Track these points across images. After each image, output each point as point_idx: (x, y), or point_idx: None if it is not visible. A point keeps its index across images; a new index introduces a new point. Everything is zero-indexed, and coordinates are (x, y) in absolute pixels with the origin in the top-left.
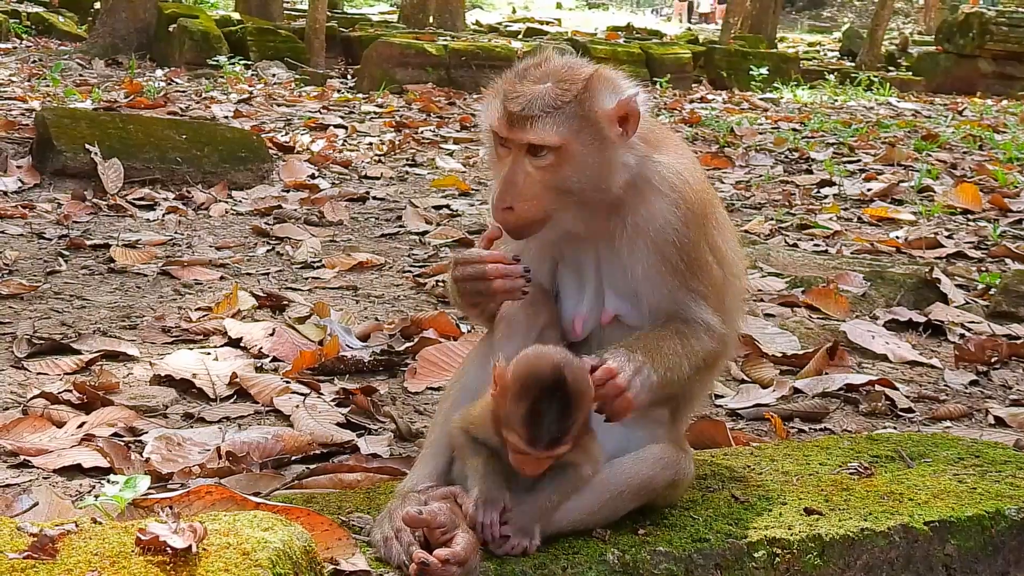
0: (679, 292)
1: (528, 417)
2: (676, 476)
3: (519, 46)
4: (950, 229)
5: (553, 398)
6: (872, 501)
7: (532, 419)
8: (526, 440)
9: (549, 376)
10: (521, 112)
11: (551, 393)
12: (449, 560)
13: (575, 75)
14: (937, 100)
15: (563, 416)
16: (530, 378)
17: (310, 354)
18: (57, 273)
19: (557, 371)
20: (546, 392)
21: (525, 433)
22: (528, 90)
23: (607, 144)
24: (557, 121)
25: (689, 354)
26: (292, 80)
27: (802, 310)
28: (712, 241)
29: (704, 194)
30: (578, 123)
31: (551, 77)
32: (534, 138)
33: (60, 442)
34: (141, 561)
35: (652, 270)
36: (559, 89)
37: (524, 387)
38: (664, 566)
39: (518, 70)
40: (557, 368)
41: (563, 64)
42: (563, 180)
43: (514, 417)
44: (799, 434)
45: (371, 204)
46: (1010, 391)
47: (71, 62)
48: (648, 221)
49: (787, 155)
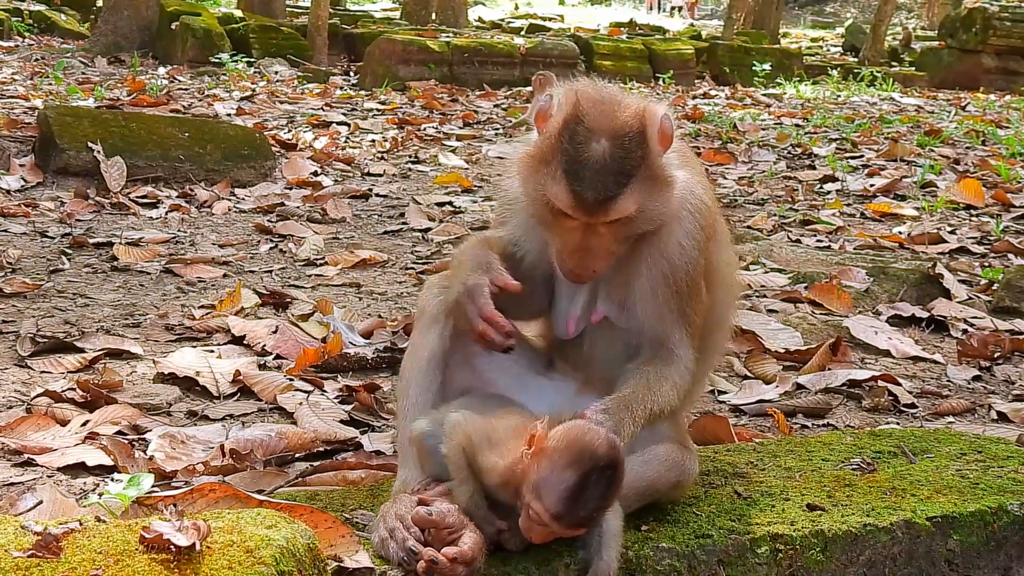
0: (671, 316)
1: (571, 491)
2: (681, 477)
3: (521, 42)
4: (953, 225)
5: (602, 477)
6: (875, 497)
7: (574, 494)
8: (554, 513)
9: (605, 455)
10: (598, 198)
11: (601, 471)
12: (457, 559)
13: (628, 124)
14: (940, 95)
15: (604, 497)
16: (584, 452)
17: (313, 351)
18: (60, 271)
19: (613, 451)
20: (597, 470)
21: (559, 507)
22: (593, 164)
23: (660, 177)
24: (631, 191)
25: (666, 397)
26: (295, 77)
27: (805, 306)
28: (712, 261)
29: (714, 213)
30: (643, 180)
31: (605, 134)
32: (615, 216)
33: (64, 440)
34: (145, 559)
35: (656, 290)
36: (622, 151)
37: (575, 459)
38: (667, 562)
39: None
40: (613, 448)
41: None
42: (634, 231)
43: (551, 487)
44: (802, 430)
45: (374, 201)
46: (1013, 386)
47: (73, 60)
48: (668, 246)
49: (790, 151)
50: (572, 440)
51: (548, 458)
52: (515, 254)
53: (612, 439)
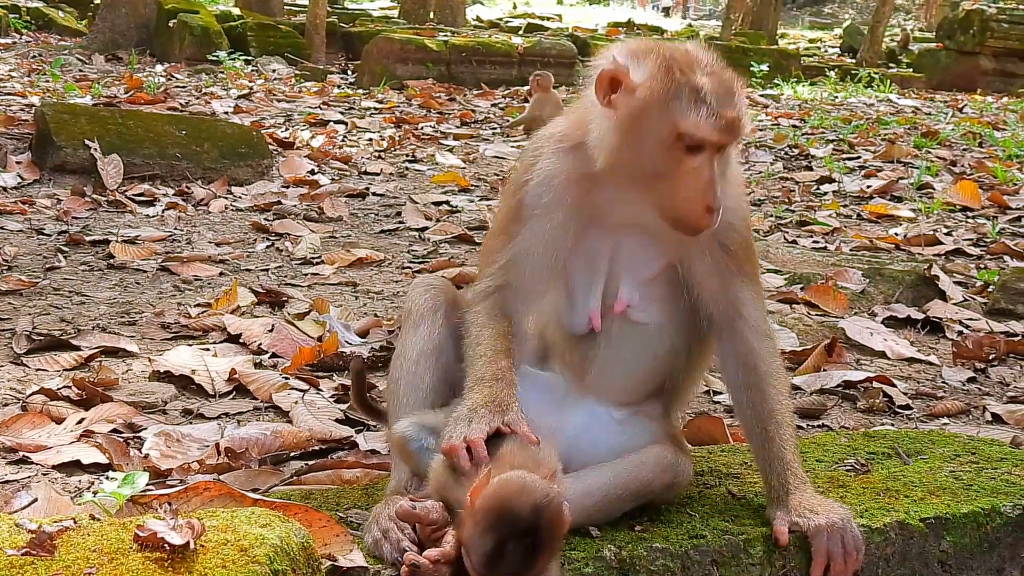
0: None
1: (489, 556)
2: (675, 478)
3: (519, 42)
4: (949, 226)
5: (519, 545)
6: (868, 498)
7: (492, 559)
8: (479, 573)
9: (525, 519)
10: (737, 115)
11: (519, 539)
12: (440, 560)
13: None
14: (937, 97)
15: (525, 563)
16: (504, 517)
17: (309, 350)
18: (56, 269)
19: (536, 515)
20: (514, 537)
21: (481, 568)
22: (722, 87)
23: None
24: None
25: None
26: (292, 76)
27: (801, 307)
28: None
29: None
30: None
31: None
32: (744, 133)
33: (59, 438)
34: (139, 557)
35: (700, 257)
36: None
37: (493, 521)
38: (661, 562)
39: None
40: (537, 512)
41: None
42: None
43: (473, 547)
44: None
45: (371, 200)
46: (1007, 388)
47: (71, 57)
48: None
49: (787, 152)
50: (495, 501)
51: (473, 517)
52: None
53: (540, 502)
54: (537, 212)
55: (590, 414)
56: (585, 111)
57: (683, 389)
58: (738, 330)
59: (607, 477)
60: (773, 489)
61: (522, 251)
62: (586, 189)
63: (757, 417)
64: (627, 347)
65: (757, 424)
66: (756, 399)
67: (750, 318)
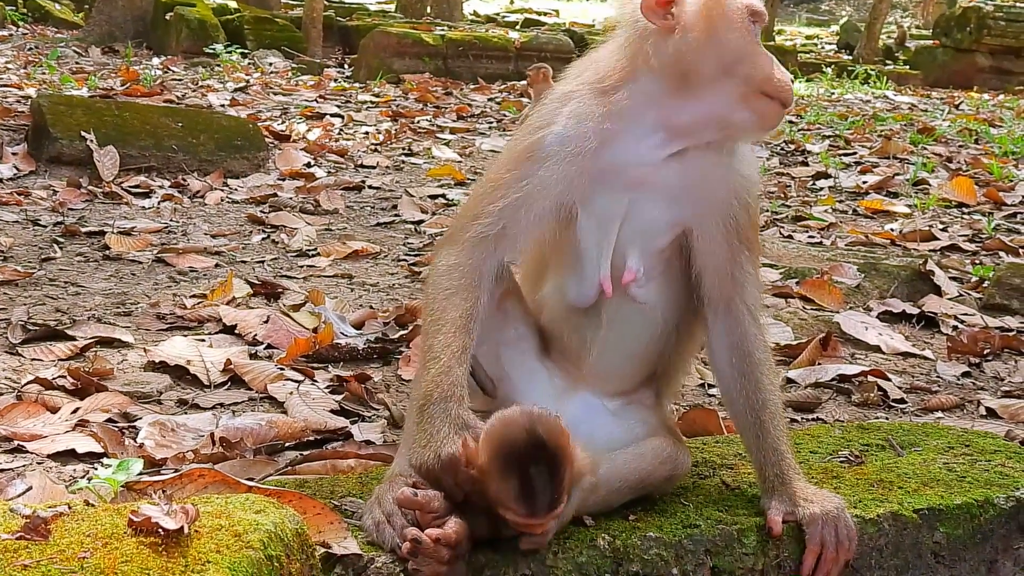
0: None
1: (520, 492)
2: (674, 471)
3: (516, 37)
4: (944, 222)
5: (539, 464)
6: (862, 489)
7: (525, 493)
8: (524, 514)
9: (525, 444)
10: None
11: (535, 460)
12: (440, 540)
13: None
14: (934, 94)
15: (554, 477)
16: (507, 450)
17: (304, 341)
18: (52, 260)
19: (532, 434)
20: (530, 461)
21: (522, 508)
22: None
23: None
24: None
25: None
26: (289, 69)
27: (796, 301)
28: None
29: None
30: None
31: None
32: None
33: (54, 427)
34: (133, 542)
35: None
36: None
37: (504, 462)
38: (654, 551)
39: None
40: (531, 431)
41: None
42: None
43: (504, 495)
44: (791, 424)
45: (367, 193)
46: (1002, 383)
47: (67, 49)
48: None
49: (783, 147)
50: (496, 447)
51: (488, 473)
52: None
53: (530, 421)
54: (557, 156)
55: (586, 406)
56: (622, 51)
57: (674, 375)
58: (735, 309)
59: (605, 469)
60: (767, 479)
61: (531, 195)
62: (611, 136)
63: (750, 406)
64: (626, 327)
65: (751, 414)
66: (749, 388)
67: (749, 297)
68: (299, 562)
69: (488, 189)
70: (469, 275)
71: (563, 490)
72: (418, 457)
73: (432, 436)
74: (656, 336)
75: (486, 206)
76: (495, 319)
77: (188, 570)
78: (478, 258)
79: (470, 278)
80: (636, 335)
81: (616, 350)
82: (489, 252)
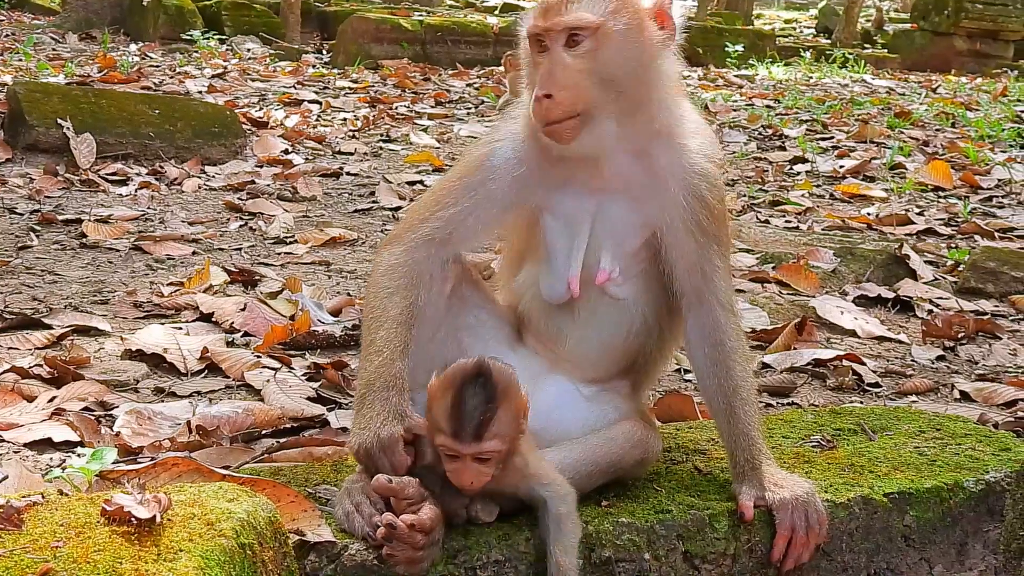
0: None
1: (451, 408)
2: (644, 455)
3: (495, 22)
4: (921, 206)
5: (475, 387)
6: (833, 473)
7: (455, 410)
8: (450, 433)
9: (472, 367)
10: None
11: (473, 382)
12: (415, 526)
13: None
14: (912, 78)
15: (486, 405)
16: (454, 372)
17: (281, 329)
18: (29, 248)
19: (481, 363)
20: (468, 381)
21: (449, 425)
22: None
23: (647, 40)
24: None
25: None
26: (267, 55)
27: (772, 286)
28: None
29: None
30: (614, 5)
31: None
32: (571, 20)
33: (30, 416)
34: (106, 531)
35: (681, 221)
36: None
37: (448, 381)
38: (627, 537)
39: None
40: (480, 362)
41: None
42: (602, 66)
43: (439, 413)
44: (767, 408)
45: (344, 180)
46: (976, 366)
47: (44, 36)
48: (683, 166)
49: (761, 132)
50: (446, 374)
51: (432, 397)
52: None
53: (484, 360)
54: (503, 169)
55: (560, 390)
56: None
57: (652, 368)
58: (706, 302)
59: (577, 453)
60: (738, 465)
61: (479, 204)
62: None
63: (722, 393)
64: (603, 322)
65: (723, 400)
66: (721, 375)
67: (718, 290)
68: (272, 550)
69: (439, 195)
70: (409, 275)
71: (491, 424)
72: (357, 439)
73: (371, 420)
74: (635, 331)
75: (436, 211)
76: (450, 308)
77: (160, 559)
78: (420, 257)
79: (410, 277)
80: (612, 330)
81: (591, 342)
82: (432, 253)
